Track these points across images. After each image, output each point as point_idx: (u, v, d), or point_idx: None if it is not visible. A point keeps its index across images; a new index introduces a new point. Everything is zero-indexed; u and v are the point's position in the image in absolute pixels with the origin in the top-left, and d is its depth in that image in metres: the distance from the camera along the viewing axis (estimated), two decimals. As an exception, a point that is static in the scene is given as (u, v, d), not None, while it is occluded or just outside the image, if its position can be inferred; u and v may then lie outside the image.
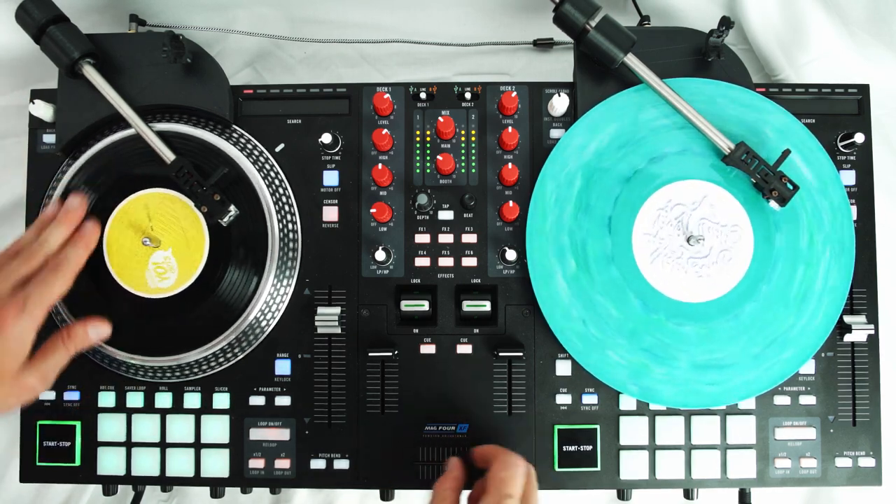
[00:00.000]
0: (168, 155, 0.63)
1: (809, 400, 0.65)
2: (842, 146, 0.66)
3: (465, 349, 0.65)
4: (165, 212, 0.64)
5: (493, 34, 0.80)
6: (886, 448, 0.65)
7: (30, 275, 0.58)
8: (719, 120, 0.63)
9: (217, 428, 0.65)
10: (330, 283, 0.66)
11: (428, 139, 0.67)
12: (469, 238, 0.66)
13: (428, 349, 0.65)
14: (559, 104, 0.66)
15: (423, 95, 0.67)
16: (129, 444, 0.66)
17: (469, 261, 0.66)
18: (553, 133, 0.67)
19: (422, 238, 0.66)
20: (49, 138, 0.68)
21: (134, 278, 0.63)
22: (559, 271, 0.64)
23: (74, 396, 0.66)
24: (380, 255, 0.64)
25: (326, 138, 0.65)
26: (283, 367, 0.66)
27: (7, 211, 0.77)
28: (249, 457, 0.65)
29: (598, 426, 0.65)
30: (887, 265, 0.70)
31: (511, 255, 0.64)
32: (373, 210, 0.64)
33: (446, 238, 0.66)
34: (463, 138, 0.67)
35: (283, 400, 0.65)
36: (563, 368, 0.65)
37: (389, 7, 0.81)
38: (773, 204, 0.62)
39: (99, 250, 0.63)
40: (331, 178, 0.67)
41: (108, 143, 0.65)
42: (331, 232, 0.66)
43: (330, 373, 0.65)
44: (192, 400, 0.66)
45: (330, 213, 0.67)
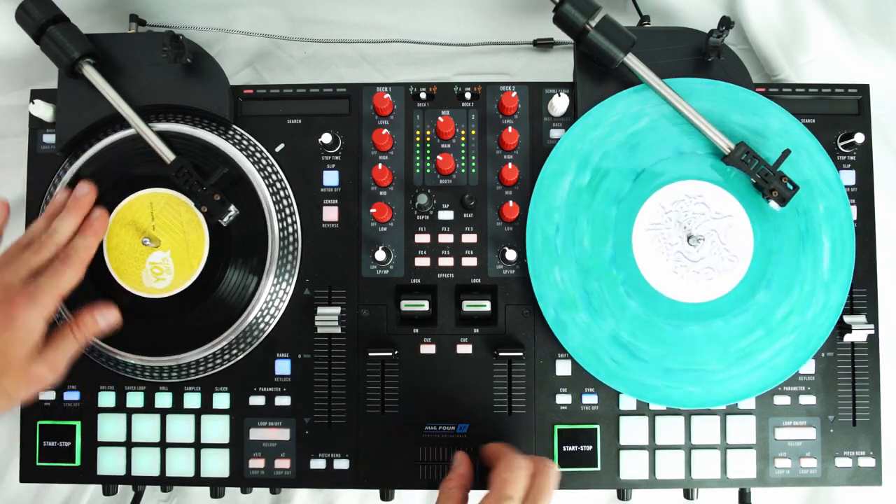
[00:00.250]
0: (168, 155, 0.63)
1: (809, 400, 0.65)
2: (842, 146, 0.66)
3: (465, 349, 0.65)
4: (169, 213, 0.64)
5: (493, 34, 0.80)
6: (886, 448, 0.65)
7: (41, 266, 0.58)
8: (719, 120, 0.63)
9: (217, 428, 0.65)
10: (330, 283, 0.66)
11: (428, 139, 0.67)
12: (469, 238, 0.66)
13: (428, 349, 0.65)
14: (559, 104, 0.66)
15: (423, 95, 0.67)
16: (129, 444, 0.66)
17: (469, 261, 0.66)
18: (553, 133, 0.67)
19: (422, 238, 0.66)
20: (49, 138, 0.68)
21: (130, 276, 0.64)
22: (559, 271, 0.64)
23: (74, 396, 0.66)
24: (380, 255, 0.64)
25: (326, 138, 0.65)
26: (283, 367, 0.66)
27: (7, 211, 0.77)
28: (249, 457, 0.65)
29: (598, 426, 0.65)
30: (887, 265, 0.70)
31: (511, 255, 0.64)
32: (373, 210, 0.64)
33: (446, 238, 0.66)
34: (463, 138, 0.67)
35: (283, 400, 0.65)
36: (563, 368, 0.65)
37: (389, 7, 0.81)
38: (773, 204, 0.62)
39: (98, 247, 0.63)
40: (331, 178, 0.67)
41: (108, 143, 0.65)
42: (331, 232, 0.66)
43: (330, 373, 0.65)
44: (192, 400, 0.66)
45: (330, 213, 0.67)
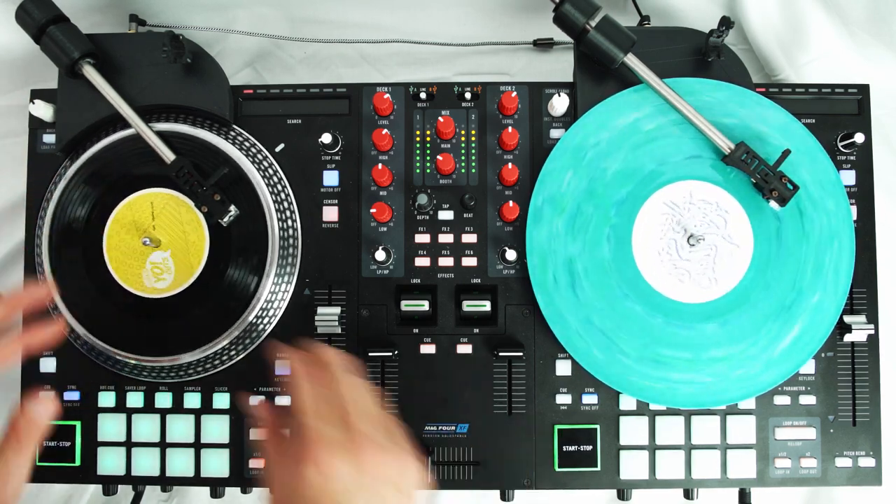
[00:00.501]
0: (168, 155, 0.63)
1: (809, 400, 0.65)
2: (842, 146, 0.66)
3: (465, 349, 0.65)
4: (170, 213, 0.64)
5: (493, 34, 0.80)
6: (886, 448, 0.65)
7: None
8: (719, 120, 0.63)
9: (217, 428, 0.65)
10: (330, 283, 0.66)
11: (428, 139, 0.67)
12: (469, 238, 0.66)
13: (428, 349, 0.65)
14: (559, 104, 0.66)
15: (423, 95, 0.67)
16: (129, 444, 0.66)
17: (469, 261, 0.66)
18: (553, 133, 0.67)
19: (422, 238, 0.66)
20: (49, 138, 0.68)
21: (130, 276, 0.64)
22: (559, 271, 0.64)
23: (74, 396, 0.66)
24: (380, 255, 0.64)
25: (326, 138, 0.65)
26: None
27: (7, 211, 0.77)
28: (249, 457, 0.65)
29: (598, 426, 0.65)
30: (887, 265, 0.70)
31: (511, 255, 0.64)
32: (373, 210, 0.64)
33: (446, 238, 0.66)
34: (463, 138, 0.67)
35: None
36: (563, 368, 0.65)
37: (389, 7, 0.81)
38: (773, 204, 0.62)
39: (99, 247, 0.64)
40: (331, 178, 0.67)
41: (108, 143, 0.65)
42: (331, 232, 0.66)
43: (330, 373, 0.65)
44: (192, 400, 0.66)
45: (330, 213, 0.67)
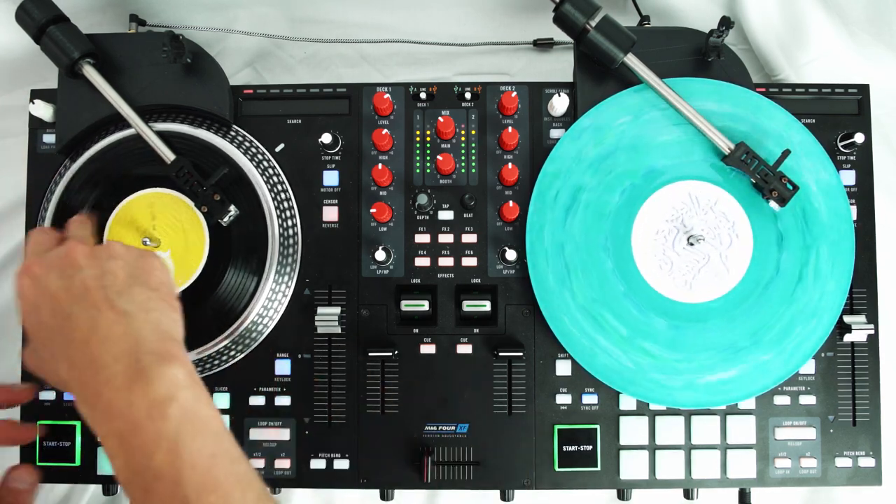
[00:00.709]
0: (168, 155, 0.63)
1: (809, 400, 0.65)
2: (842, 146, 0.66)
3: (465, 349, 0.65)
4: (169, 213, 0.64)
5: (493, 34, 0.80)
6: (886, 448, 0.65)
7: None
8: (719, 120, 0.63)
9: (217, 428, 0.65)
10: (330, 283, 0.66)
11: (428, 139, 0.67)
12: (469, 238, 0.66)
13: (428, 349, 0.65)
14: (559, 104, 0.66)
15: (423, 95, 0.67)
16: (129, 444, 0.66)
17: (469, 261, 0.66)
18: (553, 133, 0.67)
19: (422, 238, 0.66)
20: (49, 138, 0.68)
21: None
22: (559, 270, 0.64)
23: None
24: (380, 255, 0.64)
25: (326, 138, 0.65)
26: (283, 367, 0.66)
27: (7, 211, 0.77)
28: (249, 457, 0.65)
29: (598, 426, 0.65)
30: (887, 265, 0.70)
31: (511, 255, 0.64)
32: (373, 210, 0.64)
33: (446, 238, 0.66)
34: (463, 138, 0.67)
35: (283, 400, 0.65)
36: (563, 368, 0.65)
37: (389, 7, 0.81)
38: (773, 204, 0.62)
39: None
40: (331, 178, 0.67)
41: (108, 143, 0.65)
42: (331, 232, 0.66)
43: (330, 373, 0.65)
44: (192, 400, 0.66)
45: (330, 213, 0.67)
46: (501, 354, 0.64)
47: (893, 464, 0.68)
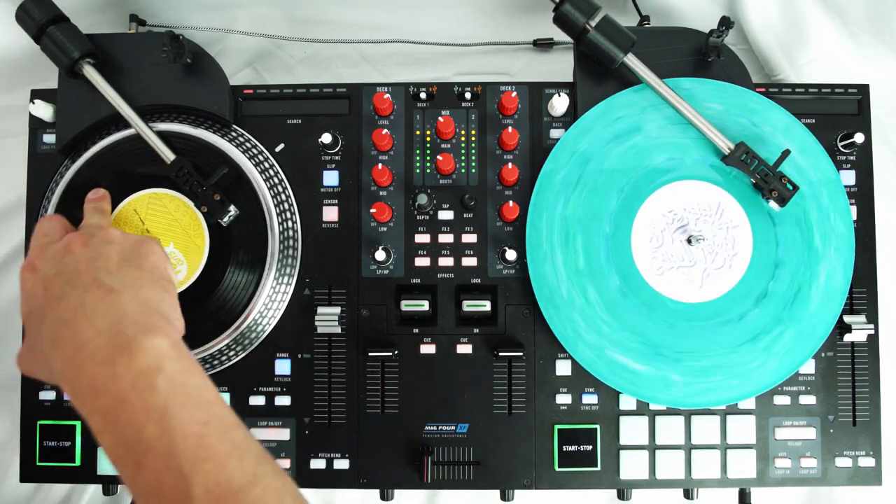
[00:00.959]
0: (168, 155, 0.63)
1: (809, 400, 0.65)
2: (842, 146, 0.66)
3: (465, 349, 0.65)
4: (156, 210, 0.63)
5: (493, 34, 0.80)
6: (886, 448, 0.65)
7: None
8: (719, 120, 0.63)
9: (217, 428, 0.65)
10: (330, 283, 0.66)
11: (428, 139, 0.67)
12: (469, 238, 0.66)
13: (428, 349, 0.65)
14: (559, 104, 0.66)
15: (423, 95, 0.67)
16: (129, 444, 0.66)
17: (469, 261, 0.66)
18: (553, 133, 0.67)
19: (422, 238, 0.66)
20: (49, 138, 0.68)
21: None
22: (559, 271, 0.64)
23: (74, 396, 0.66)
24: (380, 255, 0.64)
25: (326, 138, 0.65)
26: (283, 367, 0.66)
27: (7, 211, 0.77)
28: (249, 457, 0.65)
29: (598, 426, 0.65)
30: (887, 265, 0.70)
31: (511, 255, 0.64)
32: (373, 210, 0.64)
33: (446, 238, 0.66)
34: (463, 138, 0.67)
35: (283, 400, 0.65)
36: (563, 368, 0.65)
37: (389, 7, 0.81)
38: (773, 204, 0.62)
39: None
40: (331, 178, 0.67)
41: (108, 143, 0.65)
42: (331, 232, 0.66)
43: (330, 373, 0.65)
44: (192, 400, 0.66)
45: (330, 213, 0.67)
46: (501, 354, 0.64)
47: (893, 464, 0.68)
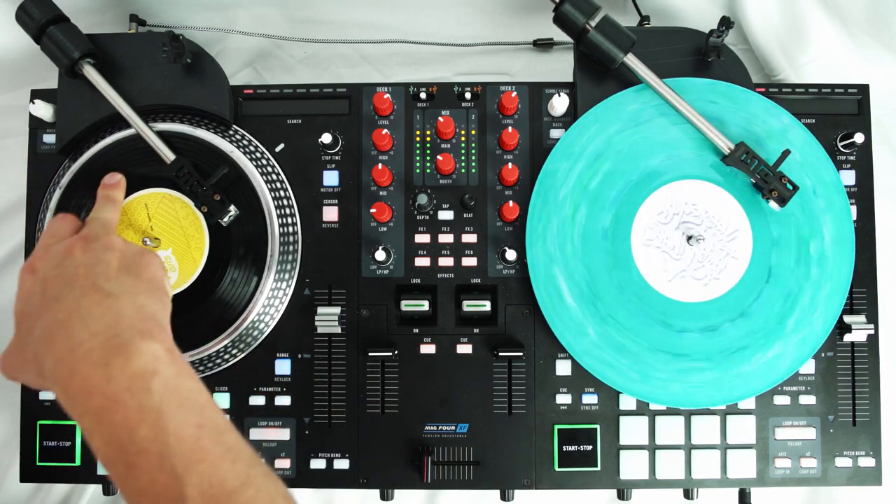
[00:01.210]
0: (168, 155, 0.63)
1: (809, 400, 0.65)
2: (842, 146, 0.66)
3: (465, 349, 0.65)
4: (165, 211, 0.64)
5: (493, 34, 0.80)
6: (886, 448, 0.65)
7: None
8: (719, 120, 0.63)
9: (217, 428, 0.65)
10: (330, 283, 0.66)
11: (428, 139, 0.67)
12: (469, 238, 0.66)
13: (428, 349, 0.65)
14: (559, 104, 0.66)
15: (423, 95, 0.67)
16: (129, 444, 0.66)
17: (469, 261, 0.66)
18: (553, 133, 0.67)
19: (422, 238, 0.66)
20: (49, 138, 0.68)
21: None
22: (559, 271, 0.64)
23: (74, 396, 0.66)
24: (380, 255, 0.64)
25: (326, 138, 0.65)
26: (283, 367, 0.66)
27: (7, 211, 0.77)
28: (249, 457, 0.65)
29: (598, 426, 0.65)
30: (887, 265, 0.70)
31: (511, 255, 0.64)
32: (373, 210, 0.64)
33: (446, 238, 0.66)
34: (463, 138, 0.67)
35: (283, 400, 0.65)
36: (563, 368, 0.65)
37: (389, 7, 0.81)
38: (773, 204, 0.62)
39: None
40: (331, 178, 0.67)
41: (108, 143, 0.65)
42: (331, 232, 0.66)
43: (330, 373, 0.65)
44: (192, 400, 0.66)
45: (330, 213, 0.67)
46: (501, 354, 0.64)
47: (893, 464, 0.68)
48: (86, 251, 0.50)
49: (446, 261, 0.66)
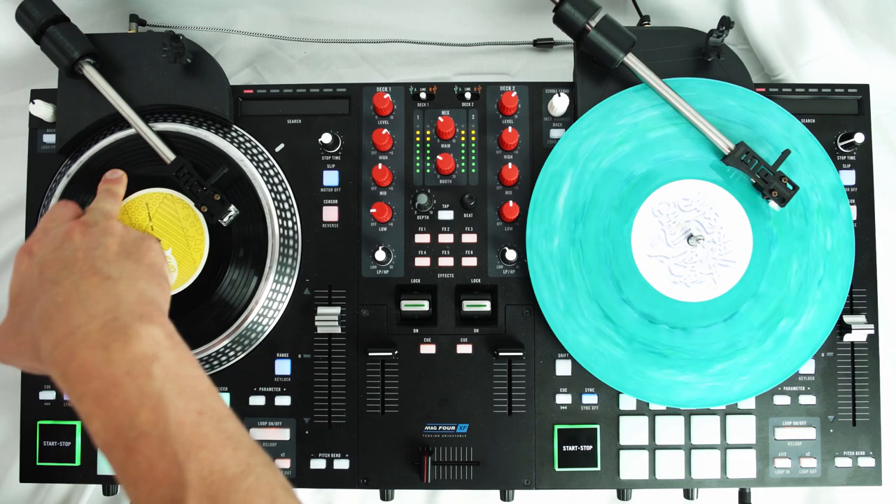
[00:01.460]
0: (168, 155, 0.63)
1: (809, 400, 0.65)
2: (842, 146, 0.66)
3: (465, 349, 0.65)
4: (166, 212, 0.64)
5: (493, 34, 0.80)
6: (886, 448, 0.65)
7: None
8: (719, 120, 0.63)
9: (217, 428, 0.65)
10: (330, 283, 0.66)
11: (428, 139, 0.67)
12: (469, 238, 0.66)
13: (428, 349, 0.65)
14: (559, 104, 0.66)
15: (423, 95, 0.67)
16: (129, 444, 0.66)
17: (469, 261, 0.66)
18: (553, 133, 0.67)
19: (422, 238, 0.66)
20: (49, 138, 0.68)
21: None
22: (559, 271, 0.64)
23: (74, 396, 0.66)
24: (380, 255, 0.64)
25: (326, 138, 0.65)
26: (283, 367, 0.66)
27: (7, 211, 0.77)
28: (249, 457, 0.65)
29: (598, 426, 0.65)
30: (887, 265, 0.70)
31: (511, 255, 0.64)
32: (373, 210, 0.64)
33: (446, 238, 0.66)
34: (463, 138, 0.67)
35: (283, 400, 0.65)
36: (563, 368, 0.65)
37: (389, 7, 0.81)
38: (773, 204, 0.62)
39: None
40: (331, 178, 0.67)
41: (108, 143, 0.65)
42: (331, 232, 0.66)
43: (330, 373, 0.65)
44: (192, 400, 0.66)
45: (330, 213, 0.67)
46: (501, 354, 0.64)
47: (893, 464, 0.68)
48: (85, 234, 0.50)
49: (446, 261, 0.66)
